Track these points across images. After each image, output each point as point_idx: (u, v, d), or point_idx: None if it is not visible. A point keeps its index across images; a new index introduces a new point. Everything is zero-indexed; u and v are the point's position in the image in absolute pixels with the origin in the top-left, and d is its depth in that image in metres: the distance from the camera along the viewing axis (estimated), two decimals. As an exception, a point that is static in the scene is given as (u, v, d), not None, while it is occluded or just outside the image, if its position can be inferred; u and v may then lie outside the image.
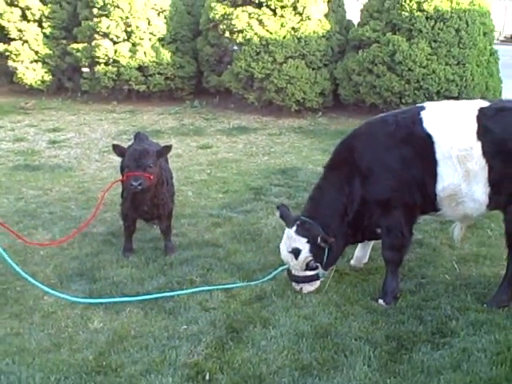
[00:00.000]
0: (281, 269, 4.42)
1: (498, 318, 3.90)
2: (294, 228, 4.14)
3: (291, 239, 4.14)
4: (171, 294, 4.23)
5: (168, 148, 4.76)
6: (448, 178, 3.97)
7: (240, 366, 3.41)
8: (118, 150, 4.67)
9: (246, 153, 8.57)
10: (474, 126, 3.93)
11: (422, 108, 4.15)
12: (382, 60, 9.79)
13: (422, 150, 4.00)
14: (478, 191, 3.98)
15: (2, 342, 3.67)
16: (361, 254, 4.69)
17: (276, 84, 10.45)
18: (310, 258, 4.12)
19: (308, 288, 4.23)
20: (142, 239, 5.27)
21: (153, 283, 4.44)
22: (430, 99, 8.88)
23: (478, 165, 3.92)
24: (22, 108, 11.65)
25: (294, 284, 4.27)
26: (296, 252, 4.12)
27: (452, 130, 3.97)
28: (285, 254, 4.20)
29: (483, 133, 3.92)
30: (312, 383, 3.29)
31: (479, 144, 3.91)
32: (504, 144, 3.92)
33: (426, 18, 9.52)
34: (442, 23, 9.51)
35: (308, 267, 4.16)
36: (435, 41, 9.55)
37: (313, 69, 10.64)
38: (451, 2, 9.45)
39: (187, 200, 6.42)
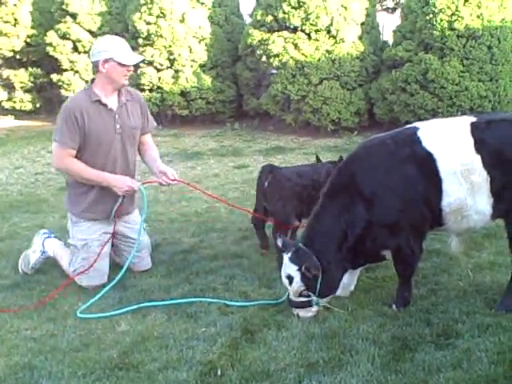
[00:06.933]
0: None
1: (504, 321, 3.98)
2: (289, 255, 4.12)
3: (286, 265, 4.13)
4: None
5: None
6: (454, 193, 4.05)
7: (250, 364, 3.62)
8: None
9: (280, 171, 8.83)
10: (471, 140, 4.05)
11: (416, 128, 4.23)
12: (415, 79, 9.97)
13: (425, 168, 4.06)
14: (482, 203, 4.09)
15: (37, 341, 4.01)
16: (347, 281, 4.48)
17: (312, 105, 10.76)
18: (302, 288, 4.11)
19: (303, 314, 4.18)
20: (171, 252, 5.62)
21: (178, 290, 4.73)
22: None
23: (481, 177, 4.03)
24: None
25: (292, 308, 4.25)
26: (290, 279, 4.11)
27: (451, 146, 4.08)
28: (283, 278, 4.19)
29: (480, 145, 4.03)
30: (317, 379, 3.45)
31: (479, 157, 4.03)
32: (501, 153, 4.04)
33: (458, 37, 9.69)
34: (473, 41, 9.64)
35: (301, 295, 4.15)
36: (467, 58, 9.69)
37: (347, 89, 10.91)
38: (482, 20, 9.55)
39: (219, 216, 6.76)
